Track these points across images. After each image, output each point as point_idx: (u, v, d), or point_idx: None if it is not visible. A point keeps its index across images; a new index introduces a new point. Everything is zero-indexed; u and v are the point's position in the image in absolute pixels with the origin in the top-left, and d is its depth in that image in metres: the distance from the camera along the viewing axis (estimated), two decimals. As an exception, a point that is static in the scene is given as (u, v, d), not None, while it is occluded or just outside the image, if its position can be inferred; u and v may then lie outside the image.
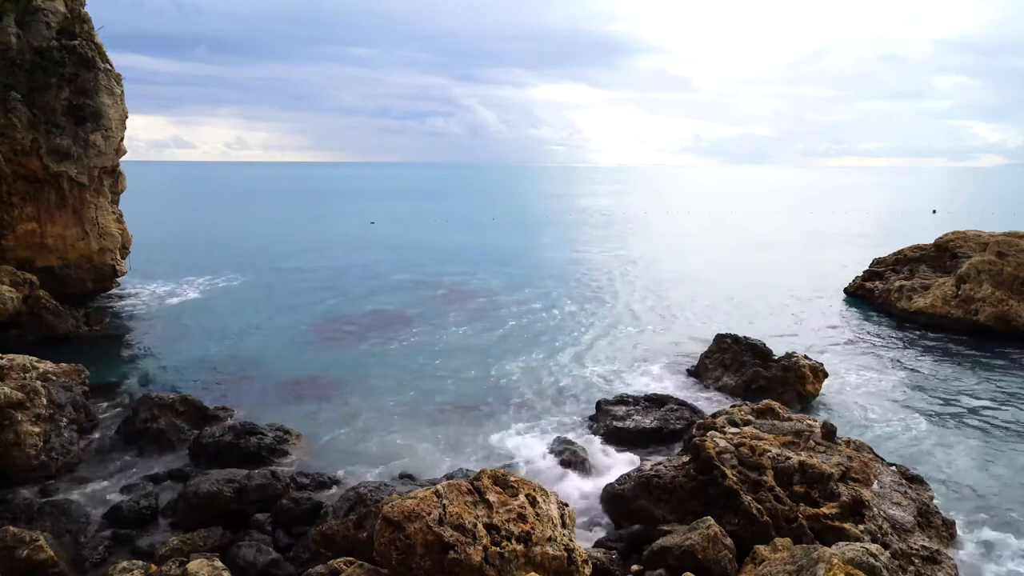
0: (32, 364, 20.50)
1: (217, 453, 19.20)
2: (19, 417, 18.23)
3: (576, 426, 22.28)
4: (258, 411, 23.17)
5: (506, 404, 24.41)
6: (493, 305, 40.06)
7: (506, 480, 12.88)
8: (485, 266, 54.19)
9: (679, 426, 21.02)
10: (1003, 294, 33.07)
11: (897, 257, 41.82)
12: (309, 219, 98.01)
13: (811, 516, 14.24)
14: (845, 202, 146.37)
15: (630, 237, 77.25)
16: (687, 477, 15.71)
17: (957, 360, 29.38)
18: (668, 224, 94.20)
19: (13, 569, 13.18)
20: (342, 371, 27.63)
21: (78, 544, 15.08)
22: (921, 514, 15.33)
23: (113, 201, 38.71)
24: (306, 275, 49.69)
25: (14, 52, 32.90)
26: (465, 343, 32.03)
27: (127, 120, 37.76)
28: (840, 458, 16.05)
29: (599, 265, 55.95)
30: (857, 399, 24.87)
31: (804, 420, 18.41)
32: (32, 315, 31.30)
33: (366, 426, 22.26)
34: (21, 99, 32.73)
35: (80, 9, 36.12)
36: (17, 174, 33.85)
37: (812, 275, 50.35)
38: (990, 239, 36.82)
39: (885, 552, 12.01)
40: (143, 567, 12.78)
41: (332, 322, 36.01)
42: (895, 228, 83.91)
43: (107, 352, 29.82)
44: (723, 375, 26.10)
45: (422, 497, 11.87)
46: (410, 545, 11.25)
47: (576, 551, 12.13)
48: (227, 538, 15.15)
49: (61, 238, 35.73)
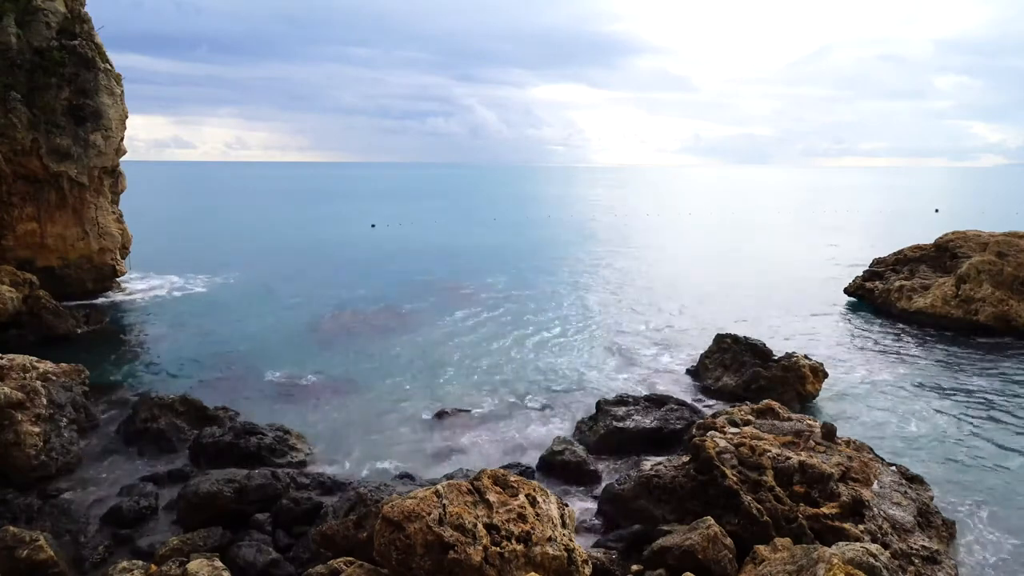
0: (32, 364, 20.50)
1: (217, 453, 19.20)
2: (19, 417, 18.23)
3: (576, 426, 22.27)
4: (258, 411, 23.18)
5: (506, 404, 24.42)
6: (493, 305, 40.06)
7: (506, 480, 12.88)
8: (485, 267, 54.20)
9: (679, 426, 21.01)
10: (1003, 294, 33.07)
11: (897, 257, 41.80)
12: (309, 219, 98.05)
13: (811, 516, 14.23)
14: (845, 202, 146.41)
15: (630, 237, 77.27)
16: (687, 477, 15.70)
17: (957, 360, 29.36)
18: (668, 224, 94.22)
19: (13, 569, 13.17)
20: (342, 371, 27.63)
21: (78, 544, 15.09)
22: (921, 514, 15.32)
23: (113, 201, 38.74)
24: (306, 275, 49.70)
25: (14, 52, 32.93)
26: (465, 342, 32.03)
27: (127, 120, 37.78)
28: (840, 458, 16.05)
29: (599, 265, 55.96)
30: (857, 399, 24.87)
31: (804, 420, 18.41)
32: (32, 315, 31.30)
33: (366, 426, 22.27)
34: (21, 99, 32.75)
35: (80, 9, 36.15)
36: (17, 174, 33.87)
37: (812, 275, 50.38)
38: (990, 239, 36.82)
39: (885, 552, 12.01)
40: (143, 567, 12.78)
41: (332, 322, 36.01)
42: (895, 228, 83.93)
43: (107, 352, 29.82)
44: (723, 375, 26.09)
45: (422, 497, 11.86)
46: (410, 545, 11.25)
47: (576, 551, 12.12)
48: (227, 538, 15.15)
49: (61, 238, 35.75)
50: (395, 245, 67.78)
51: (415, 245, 67.98)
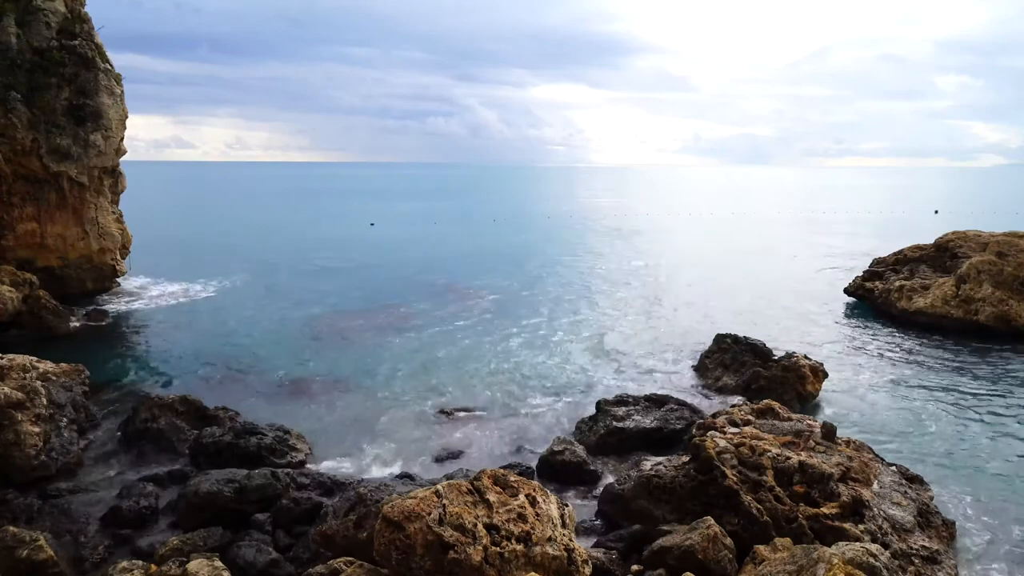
0: (32, 364, 20.50)
1: (217, 453, 19.20)
2: (19, 417, 18.23)
3: (576, 426, 22.26)
4: (258, 411, 23.19)
5: (506, 404, 24.42)
6: (493, 305, 40.07)
7: (506, 480, 12.87)
8: (485, 266, 54.21)
9: (679, 426, 21.01)
10: (1003, 294, 33.06)
11: (897, 257, 41.80)
12: (309, 219, 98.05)
13: (811, 516, 14.23)
14: (845, 202, 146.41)
15: (630, 237, 77.26)
16: (687, 477, 15.70)
17: (957, 360, 29.36)
18: (668, 224, 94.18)
19: (13, 569, 13.17)
20: (342, 371, 27.63)
21: (78, 544, 15.08)
22: (921, 514, 15.32)
23: (113, 201, 38.72)
24: (306, 275, 49.73)
25: (14, 52, 32.91)
26: (465, 343, 32.03)
27: (127, 120, 37.76)
28: (840, 458, 16.05)
29: (599, 265, 55.97)
30: (857, 399, 24.87)
31: (804, 420, 18.42)
32: (32, 315, 31.32)
33: (366, 426, 22.27)
34: (21, 99, 32.73)
35: (80, 9, 36.13)
36: (17, 174, 33.86)
37: (812, 275, 50.39)
38: (990, 239, 36.83)
39: (885, 552, 12.01)
40: (143, 567, 12.76)
41: (332, 322, 36.00)
42: (895, 228, 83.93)
43: (107, 352, 29.82)
44: (723, 375, 26.10)
45: (422, 497, 11.86)
46: (410, 545, 11.25)
47: (576, 551, 12.12)
48: (227, 538, 15.16)
49: (61, 238, 35.74)
50: (395, 244, 67.81)
51: (415, 244, 67.99)
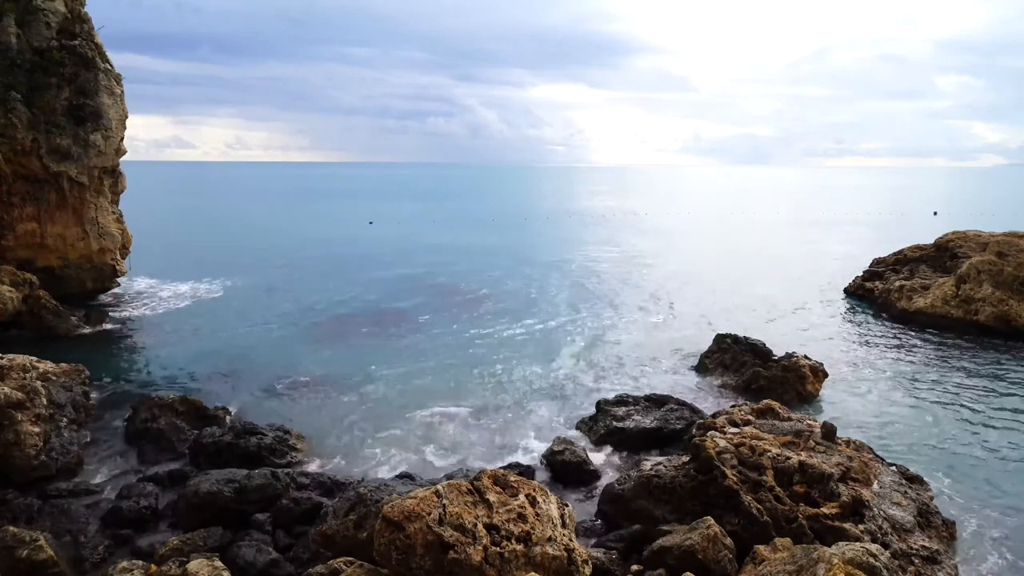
0: (32, 364, 20.50)
1: (217, 453, 19.21)
2: (19, 417, 18.23)
3: (576, 426, 22.27)
4: (258, 411, 23.20)
5: (506, 404, 24.43)
6: (493, 305, 40.07)
7: (506, 480, 12.87)
8: (485, 266, 54.21)
9: (679, 426, 21.01)
10: (1003, 294, 33.07)
11: (897, 257, 41.83)
12: (309, 219, 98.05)
13: (811, 516, 14.23)
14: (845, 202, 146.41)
15: (630, 237, 77.25)
16: (687, 477, 15.70)
17: (957, 360, 29.36)
18: (668, 224, 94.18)
19: (13, 569, 13.17)
20: (342, 371, 27.62)
21: (78, 544, 15.07)
22: (921, 514, 15.32)
23: (113, 201, 38.69)
24: (306, 275, 49.70)
25: (14, 52, 32.90)
26: (465, 343, 32.03)
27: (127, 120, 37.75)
28: (840, 458, 16.05)
29: (599, 265, 55.95)
30: (857, 399, 24.87)
31: (804, 420, 18.42)
32: (32, 315, 31.32)
33: (366, 426, 22.27)
34: (21, 99, 32.72)
35: (80, 9, 36.11)
36: (17, 174, 33.85)
37: (812, 275, 50.35)
38: (990, 239, 36.83)
39: (885, 552, 12.00)
40: (143, 567, 12.76)
41: (332, 322, 36.01)
42: (895, 228, 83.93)
43: (107, 352, 29.82)
44: (723, 375, 26.12)
45: (422, 497, 11.86)
46: (410, 545, 11.25)
47: (576, 551, 12.12)
48: (227, 538, 15.16)
49: (61, 238, 35.72)
50: (394, 244, 67.81)
51: (415, 244, 67.97)
